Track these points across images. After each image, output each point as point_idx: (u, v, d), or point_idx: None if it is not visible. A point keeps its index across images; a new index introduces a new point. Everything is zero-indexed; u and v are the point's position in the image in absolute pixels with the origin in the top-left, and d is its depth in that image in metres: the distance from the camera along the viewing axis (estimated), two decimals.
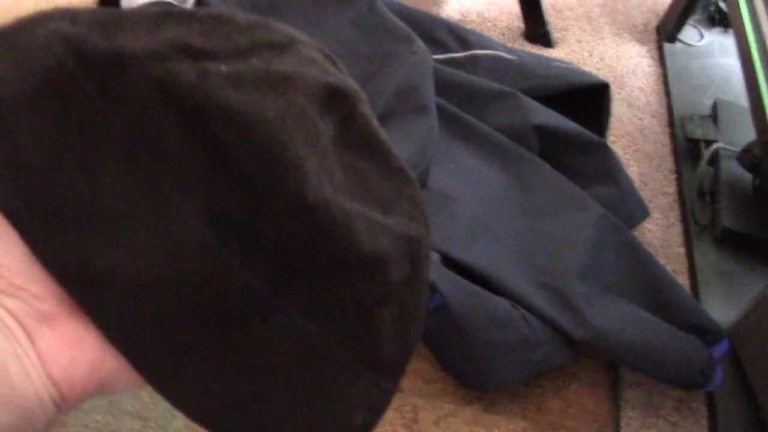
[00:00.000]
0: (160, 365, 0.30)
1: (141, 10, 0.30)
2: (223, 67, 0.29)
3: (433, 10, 1.48)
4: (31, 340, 0.28)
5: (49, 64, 0.27)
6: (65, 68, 0.27)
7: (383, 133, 0.34)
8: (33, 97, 0.27)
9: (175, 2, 1.12)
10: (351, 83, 0.33)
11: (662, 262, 1.10)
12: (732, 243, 1.14)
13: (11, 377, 0.26)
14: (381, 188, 0.33)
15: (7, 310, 0.27)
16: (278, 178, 0.28)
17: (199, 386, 0.30)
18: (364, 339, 0.33)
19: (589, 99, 1.25)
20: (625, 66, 1.46)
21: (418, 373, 0.97)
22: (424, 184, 1.05)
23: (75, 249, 0.28)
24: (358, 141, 0.33)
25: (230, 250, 0.29)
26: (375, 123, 0.34)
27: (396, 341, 0.34)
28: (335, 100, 0.31)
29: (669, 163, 1.30)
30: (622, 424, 0.96)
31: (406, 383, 0.95)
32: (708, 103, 1.37)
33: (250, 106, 0.28)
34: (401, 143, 1.03)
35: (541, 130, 1.14)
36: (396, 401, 0.93)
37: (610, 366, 1.01)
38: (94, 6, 0.31)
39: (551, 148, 1.15)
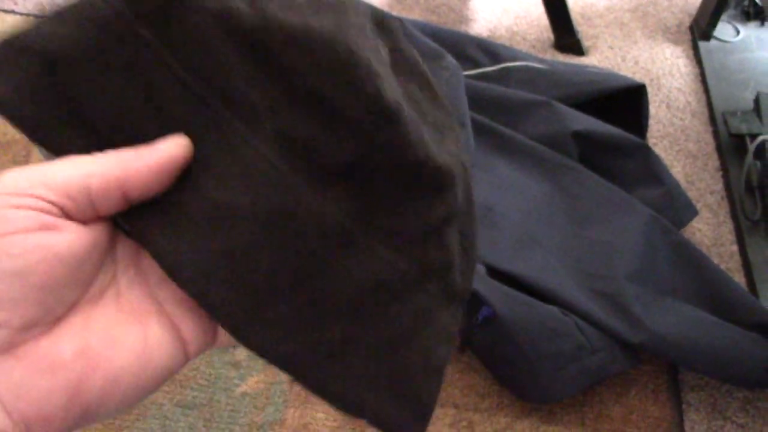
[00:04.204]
0: (237, 306, 0.28)
1: None
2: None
3: (461, 29, 1.49)
4: None
5: (107, 15, 0.27)
6: (123, 17, 0.27)
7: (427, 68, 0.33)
8: (95, 51, 0.27)
9: None
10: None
11: (715, 260, 1.07)
12: None
13: None
14: (434, 115, 0.32)
15: None
16: (353, 82, 0.27)
17: (280, 330, 0.28)
18: (443, 265, 0.32)
19: (626, 103, 1.24)
20: (660, 68, 1.44)
21: (473, 388, 0.95)
22: None
23: None
24: (407, 69, 0.32)
25: (304, 178, 0.28)
26: (420, 57, 0.33)
27: (462, 270, 0.33)
28: (384, 27, 0.31)
29: (714, 161, 1.27)
30: (686, 428, 0.93)
31: (460, 399, 0.94)
32: (750, 97, 1.34)
33: (309, 25, 0.27)
34: None
35: (580, 137, 1.13)
36: (451, 417, 0.92)
37: (671, 369, 0.99)
38: None
39: (591, 153, 1.14)
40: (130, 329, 0.28)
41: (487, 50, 1.29)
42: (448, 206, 0.31)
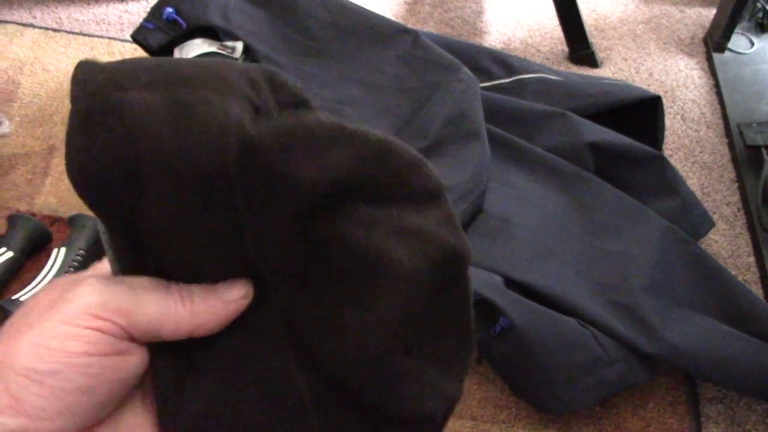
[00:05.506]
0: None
1: (317, 123, 0.29)
2: (362, 211, 0.29)
3: (476, 41, 1.50)
4: None
5: (216, 162, 0.27)
6: (226, 174, 0.27)
7: (472, 296, 0.34)
8: (186, 186, 0.27)
9: (223, 52, 1.15)
10: (467, 244, 0.33)
11: (732, 272, 1.07)
12: None
13: None
14: (447, 349, 0.34)
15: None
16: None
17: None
18: None
19: (641, 114, 1.24)
20: (674, 79, 1.44)
21: (489, 400, 0.95)
22: (480, 209, 1.05)
23: None
24: (452, 305, 0.33)
25: (288, 354, 0.31)
26: (471, 286, 0.34)
27: None
28: (449, 263, 0.32)
29: (730, 173, 1.27)
30: None
31: (477, 410, 0.94)
32: (765, 108, 1.34)
33: (371, 240, 0.29)
34: (455, 170, 1.03)
35: (596, 148, 1.13)
36: (468, 429, 0.92)
37: (689, 381, 0.98)
38: (280, 83, 0.30)
39: (607, 164, 1.14)
40: None
41: (502, 62, 1.29)
42: None
